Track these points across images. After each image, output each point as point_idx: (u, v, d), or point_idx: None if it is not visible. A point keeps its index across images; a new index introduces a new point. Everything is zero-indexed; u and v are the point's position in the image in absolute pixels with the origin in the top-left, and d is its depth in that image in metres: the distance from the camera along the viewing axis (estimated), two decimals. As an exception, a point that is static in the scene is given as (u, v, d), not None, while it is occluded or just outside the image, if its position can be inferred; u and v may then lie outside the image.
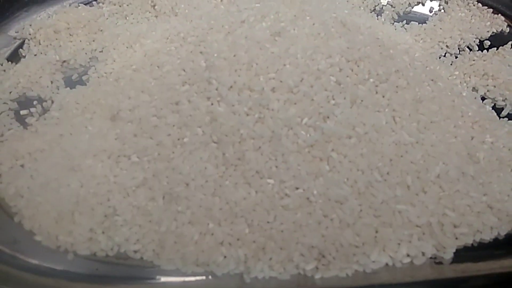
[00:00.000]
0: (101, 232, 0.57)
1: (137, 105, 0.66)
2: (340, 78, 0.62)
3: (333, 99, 0.61)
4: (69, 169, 0.62)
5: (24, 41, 0.85)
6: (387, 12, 0.91)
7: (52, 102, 0.74)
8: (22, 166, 0.64)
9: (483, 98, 0.74)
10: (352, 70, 0.64)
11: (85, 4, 0.92)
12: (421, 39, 0.85)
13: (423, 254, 0.54)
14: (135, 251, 0.56)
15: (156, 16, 0.88)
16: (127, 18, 0.88)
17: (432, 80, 0.71)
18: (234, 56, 0.64)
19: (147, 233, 0.56)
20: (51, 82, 0.77)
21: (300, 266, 0.53)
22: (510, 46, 0.82)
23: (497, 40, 0.85)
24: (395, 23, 0.89)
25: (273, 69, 0.62)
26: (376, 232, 0.54)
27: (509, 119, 0.71)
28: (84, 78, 0.78)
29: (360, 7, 0.91)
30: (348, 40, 0.67)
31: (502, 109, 0.73)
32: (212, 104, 0.61)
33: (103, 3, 0.92)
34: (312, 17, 0.71)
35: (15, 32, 0.87)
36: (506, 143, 0.65)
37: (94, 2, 0.93)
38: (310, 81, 0.61)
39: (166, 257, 0.54)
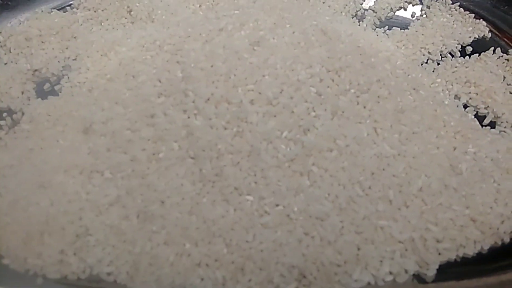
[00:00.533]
0: (73, 253, 0.55)
1: (111, 118, 0.64)
2: (321, 88, 0.61)
3: (314, 111, 0.59)
4: (39, 186, 0.60)
5: (-7, 49, 0.82)
6: (369, 17, 0.90)
7: (23, 114, 0.71)
8: (-11, 183, 0.61)
9: (465, 106, 0.73)
10: (333, 80, 0.63)
11: (59, 10, 0.89)
12: (403, 45, 0.84)
13: (406, 271, 0.53)
14: (108, 273, 0.53)
15: (132, 22, 0.85)
16: (102, 24, 0.85)
17: (414, 89, 0.70)
18: (212, 66, 0.62)
19: (121, 254, 0.54)
20: (22, 93, 0.74)
21: (281, 287, 0.51)
22: (492, 52, 0.81)
23: (479, 46, 0.84)
24: (377, 29, 0.88)
25: (251, 80, 0.60)
26: (358, 249, 0.53)
27: (491, 128, 0.70)
28: (56, 88, 0.75)
29: (341, 12, 0.90)
30: (329, 49, 0.66)
31: (485, 117, 0.72)
32: (188, 117, 0.59)
33: (77, 9, 0.88)
34: (292, 25, 0.69)
35: (-16, 40, 0.83)
36: (488, 153, 0.64)
37: (68, 8, 0.89)
38: (290, 93, 0.60)
39: (141, 280, 0.52)
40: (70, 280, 0.53)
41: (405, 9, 0.93)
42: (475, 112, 0.73)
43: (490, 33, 0.87)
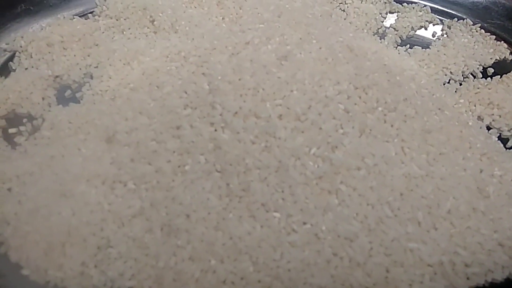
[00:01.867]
0: (94, 265, 0.53)
1: (135, 128, 0.63)
2: (349, 106, 0.60)
3: (342, 128, 0.59)
4: (60, 194, 0.59)
5: (14, 53, 0.81)
6: (390, 35, 0.90)
7: (43, 120, 0.70)
8: (9, 190, 0.60)
9: (488, 128, 0.73)
10: (360, 98, 0.62)
11: (80, 17, 0.89)
12: (425, 64, 0.84)
13: (435, 295, 0.52)
14: (130, 288, 0.52)
15: (155, 32, 0.85)
16: (124, 32, 0.85)
17: (439, 109, 0.69)
18: (239, 80, 0.61)
19: (144, 268, 0.53)
20: (43, 99, 0.73)
21: (308, 308, 0.50)
22: (514, 75, 0.81)
23: (500, 68, 0.84)
24: (398, 47, 0.88)
25: (280, 95, 0.59)
26: (387, 272, 0.52)
27: (515, 151, 0.69)
28: (77, 95, 0.74)
29: (363, 29, 0.90)
30: (356, 66, 0.65)
31: (507, 139, 0.71)
32: (215, 130, 0.58)
33: (99, 16, 0.88)
34: (318, 41, 0.69)
35: (5, 44, 0.82)
36: (514, 177, 0.64)
37: (89, 15, 0.89)
38: (318, 109, 0.59)
39: (164, 296, 0.51)
40: (91, 293, 0.52)
41: (426, 28, 0.94)
42: (498, 134, 0.72)
43: (511, 55, 0.87)
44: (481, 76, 0.83)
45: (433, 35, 0.92)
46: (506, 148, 0.70)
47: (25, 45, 0.81)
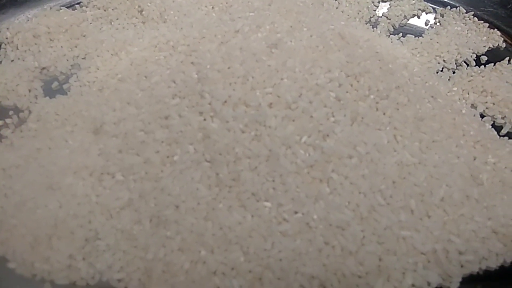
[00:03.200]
0: (82, 258, 0.52)
1: (123, 118, 0.62)
2: (340, 94, 0.59)
3: (333, 116, 0.58)
4: (47, 187, 0.57)
5: (0, 45, 0.79)
6: (383, 24, 0.89)
7: (30, 112, 0.69)
8: (-6, 183, 0.59)
9: (482, 116, 0.72)
10: (352, 86, 0.61)
11: (68, 7, 0.87)
12: (418, 53, 0.83)
13: (429, 284, 0.51)
14: (119, 280, 0.51)
15: (143, 22, 0.83)
16: (112, 23, 0.83)
17: (432, 96, 0.69)
18: (229, 68, 0.60)
19: (132, 260, 0.52)
20: (29, 91, 0.72)
21: (300, 298, 0.49)
22: (507, 62, 0.81)
23: (494, 56, 0.83)
24: (391, 35, 0.87)
25: (270, 83, 0.58)
26: (380, 260, 0.51)
27: (509, 138, 0.69)
28: (65, 86, 0.73)
29: (355, 18, 0.89)
30: (348, 54, 0.64)
31: (501, 127, 0.71)
32: (204, 119, 0.57)
33: (86, 7, 0.87)
34: (309, 29, 0.68)
35: (-10, 36, 0.81)
36: (508, 164, 0.63)
37: (77, 6, 0.88)
38: (309, 97, 0.58)
39: (154, 288, 0.50)
40: (79, 286, 0.51)
41: (418, 17, 0.93)
42: (492, 122, 0.72)
43: (504, 43, 0.86)
44: (475, 64, 0.82)
45: (426, 24, 0.91)
46: (500, 136, 0.69)
47: (11, 37, 0.79)
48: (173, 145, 0.57)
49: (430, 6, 0.94)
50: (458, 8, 0.92)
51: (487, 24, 0.89)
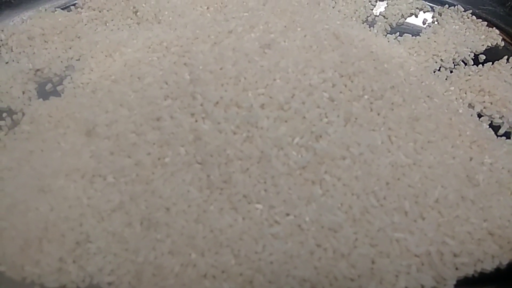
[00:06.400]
0: (72, 261, 0.52)
1: (115, 120, 0.62)
2: (333, 94, 0.59)
3: (326, 117, 0.57)
4: (38, 190, 0.57)
5: (-5, 47, 0.79)
6: (380, 23, 0.88)
7: (23, 114, 0.69)
8: (-14, 185, 0.58)
9: (479, 115, 0.71)
10: (345, 86, 0.61)
11: (62, 9, 0.87)
12: (415, 52, 0.82)
13: (423, 287, 0.50)
14: (109, 283, 0.51)
15: (138, 23, 0.83)
16: (107, 24, 0.83)
17: (428, 96, 0.68)
18: (221, 69, 0.59)
19: (123, 263, 0.51)
20: (23, 93, 0.72)
21: (291, 301, 0.48)
22: (505, 61, 0.80)
23: (492, 54, 0.82)
24: (388, 35, 0.86)
25: (262, 84, 0.58)
26: (373, 263, 0.50)
27: (506, 138, 0.68)
28: (59, 88, 0.73)
29: (352, 17, 0.88)
30: (342, 54, 0.63)
31: (499, 127, 0.70)
32: (196, 121, 0.57)
33: (81, 8, 0.86)
34: (304, 29, 0.67)
35: (-15, 38, 0.81)
36: (505, 165, 0.62)
37: (72, 7, 0.87)
38: (301, 97, 0.57)
39: (144, 291, 0.49)
40: (69, 289, 0.51)
41: (416, 16, 0.92)
42: (489, 122, 0.71)
43: (503, 42, 0.85)
44: (473, 63, 0.81)
45: (424, 23, 0.90)
46: (497, 136, 0.68)
47: (5, 39, 0.79)
48: (164, 147, 0.57)
49: (428, 5, 0.93)
50: (456, 6, 0.91)
51: (486, 23, 0.88)
